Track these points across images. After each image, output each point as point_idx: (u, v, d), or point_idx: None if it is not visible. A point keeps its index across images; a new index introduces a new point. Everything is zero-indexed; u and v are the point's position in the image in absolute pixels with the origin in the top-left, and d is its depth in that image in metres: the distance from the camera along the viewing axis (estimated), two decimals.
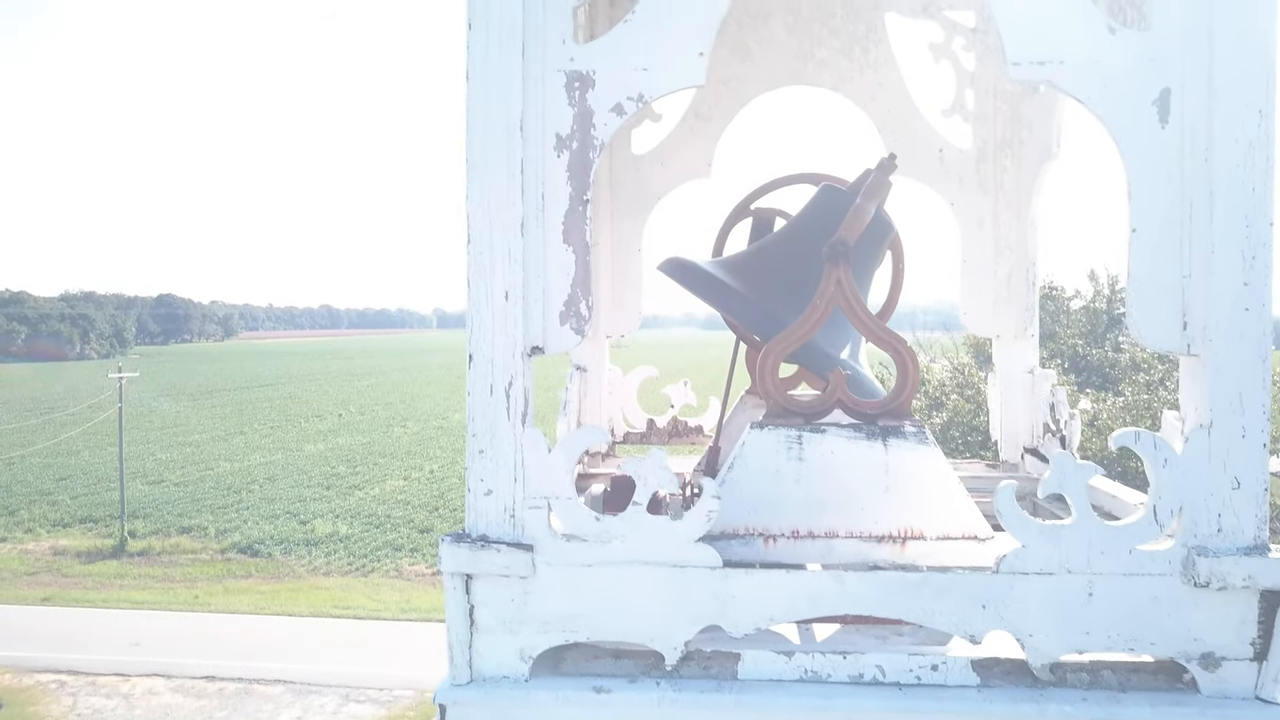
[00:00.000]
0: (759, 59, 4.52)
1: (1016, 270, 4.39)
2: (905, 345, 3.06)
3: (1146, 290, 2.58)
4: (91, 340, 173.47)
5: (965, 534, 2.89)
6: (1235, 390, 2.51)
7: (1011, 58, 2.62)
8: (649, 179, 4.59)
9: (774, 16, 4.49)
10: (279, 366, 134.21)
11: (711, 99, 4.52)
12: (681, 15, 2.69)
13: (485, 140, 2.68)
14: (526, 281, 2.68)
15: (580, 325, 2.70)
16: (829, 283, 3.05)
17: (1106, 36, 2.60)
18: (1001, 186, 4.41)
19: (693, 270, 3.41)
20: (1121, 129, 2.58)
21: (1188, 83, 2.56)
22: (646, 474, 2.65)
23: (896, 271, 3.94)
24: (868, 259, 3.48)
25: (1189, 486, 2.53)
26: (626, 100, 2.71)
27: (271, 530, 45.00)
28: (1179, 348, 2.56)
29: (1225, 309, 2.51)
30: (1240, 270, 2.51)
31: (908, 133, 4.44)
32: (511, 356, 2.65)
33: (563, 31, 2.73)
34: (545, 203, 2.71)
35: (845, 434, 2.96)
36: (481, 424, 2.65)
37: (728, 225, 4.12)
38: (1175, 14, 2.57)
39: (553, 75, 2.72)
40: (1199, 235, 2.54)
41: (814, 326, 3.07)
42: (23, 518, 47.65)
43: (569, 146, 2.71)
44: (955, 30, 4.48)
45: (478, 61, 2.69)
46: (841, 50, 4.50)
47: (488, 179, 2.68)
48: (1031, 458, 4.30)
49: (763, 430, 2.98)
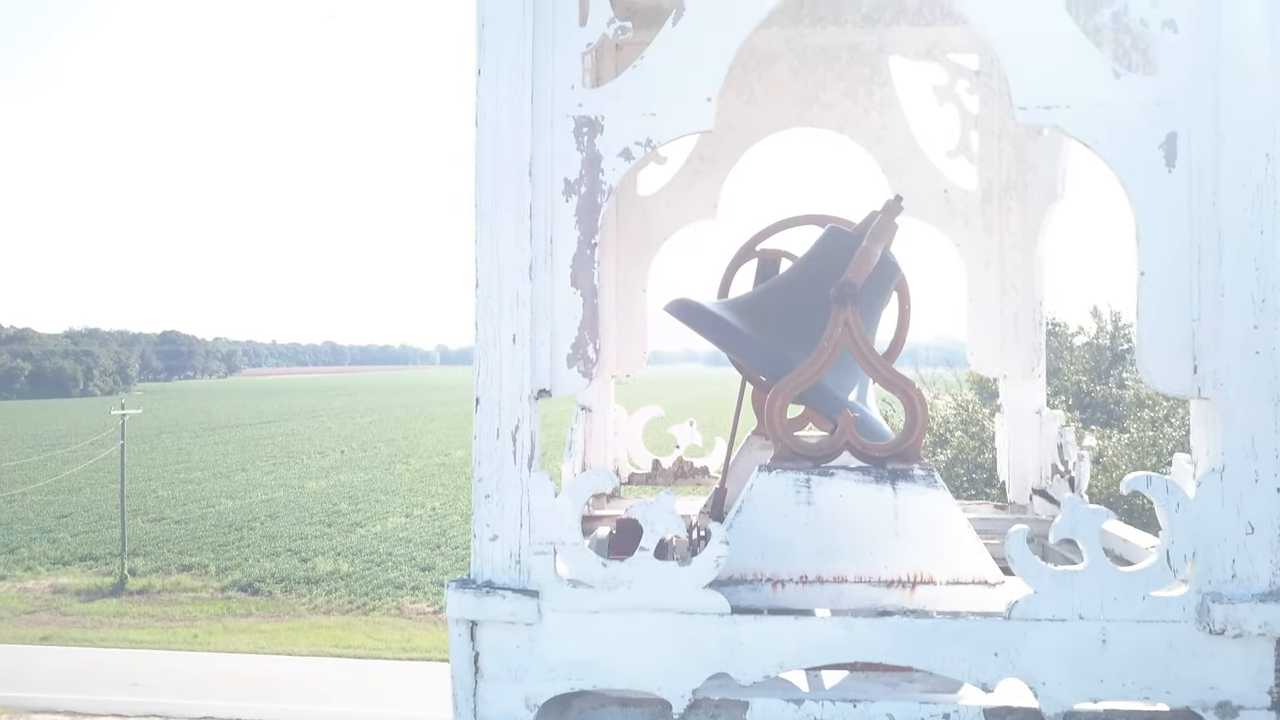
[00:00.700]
0: (764, 102, 4.56)
1: (1023, 310, 4.39)
2: (914, 387, 3.05)
3: (1156, 333, 2.57)
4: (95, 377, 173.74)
5: (976, 579, 2.85)
6: (1248, 434, 2.49)
7: (1018, 102, 2.63)
8: (655, 220, 4.60)
9: (779, 60, 4.53)
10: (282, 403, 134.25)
11: (717, 141, 4.55)
12: (689, 61, 2.71)
13: (495, 185, 2.69)
14: (534, 325, 2.67)
15: (588, 368, 2.70)
16: (837, 324, 3.04)
17: (1112, 81, 2.61)
18: (1007, 227, 4.42)
19: (699, 312, 3.41)
20: (1129, 172, 2.59)
21: (1194, 127, 2.57)
22: (654, 519, 2.62)
23: (903, 312, 3.93)
24: (875, 300, 3.47)
25: (1202, 531, 2.50)
26: (635, 145, 2.73)
27: (272, 568, 44.72)
28: (1190, 391, 2.55)
29: (1236, 352, 2.50)
30: (1250, 313, 2.50)
31: (913, 174, 4.46)
32: (519, 400, 2.65)
33: (571, 77, 2.75)
34: (554, 246, 2.72)
35: (854, 477, 2.93)
36: (488, 468, 2.64)
37: (733, 266, 4.13)
38: (1181, 59, 2.59)
39: (561, 120, 2.74)
40: (1208, 278, 2.54)
41: (822, 368, 3.06)
42: (23, 555, 47.41)
43: (577, 191, 2.73)
44: (959, 73, 4.52)
45: (487, 107, 2.71)
46: (846, 93, 4.53)
47: (497, 223, 2.68)
48: (1040, 499, 4.27)
49: (771, 473, 2.96)
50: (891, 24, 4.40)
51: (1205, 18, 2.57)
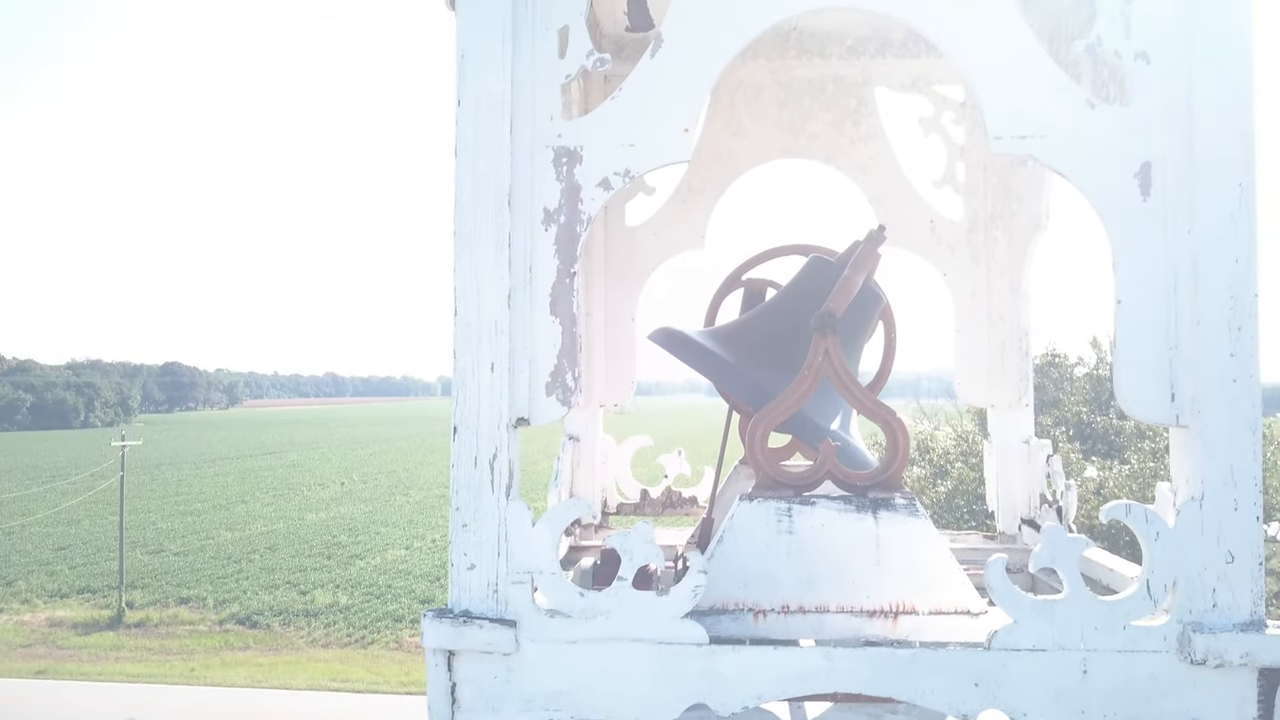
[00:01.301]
0: (751, 133, 4.59)
1: (1010, 340, 4.39)
2: (895, 416, 3.05)
3: (1134, 361, 2.57)
4: (96, 408, 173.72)
5: (958, 608, 2.84)
6: (1226, 462, 2.49)
7: (993, 132, 2.66)
8: (642, 250, 4.62)
9: (766, 92, 4.57)
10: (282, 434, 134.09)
11: (704, 172, 4.58)
12: (667, 93, 2.73)
13: (474, 214, 2.71)
14: (513, 353, 2.68)
15: (566, 396, 2.70)
16: (817, 353, 3.04)
17: (1087, 111, 2.63)
18: (993, 257, 4.43)
19: (683, 340, 3.41)
20: (1104, 201, 2.60)
21: (1169, 156, 2.59)
22: (632, 548, 2.62)
23: (889, 342, 3.94)
24: (857, 329, 3.48)
25: (1182, 560, 2.49)
26: (613, 175, 2.75)
27: (271, 601, 44.44)
28: (1168, 419, 2.55)
29: (1213, 380, 2.50)
30: (1227, 342, 2.50)
31: (899, 204, 4.48)
32: (496, 428, 2.64)
33: (551, 108, 2.77)
34: (533, 275, 2.73)
35: (836, 506, 2.92)
36: (465, 496, 2.63)
37: (719, 296, 4.14)
38: (1154, 90, 2.61)
39: (541, 151, 2.76)
40: (1185, 307, 2.55)
41: (802, 397, 3.06)
42: (20, 588, 47.13)
43: (556, 220, 2.74)
44: (944, 104, 4.55)
45: (467, 137, 2.73)
46: (832, 124, 4.57)
47: (476, 252, 2.70)
48: (1029, 529, 4.25)
49: (752, 502, 2.95)
50: (876, 56, 4.44)
51: (1177, 49, 2.59)
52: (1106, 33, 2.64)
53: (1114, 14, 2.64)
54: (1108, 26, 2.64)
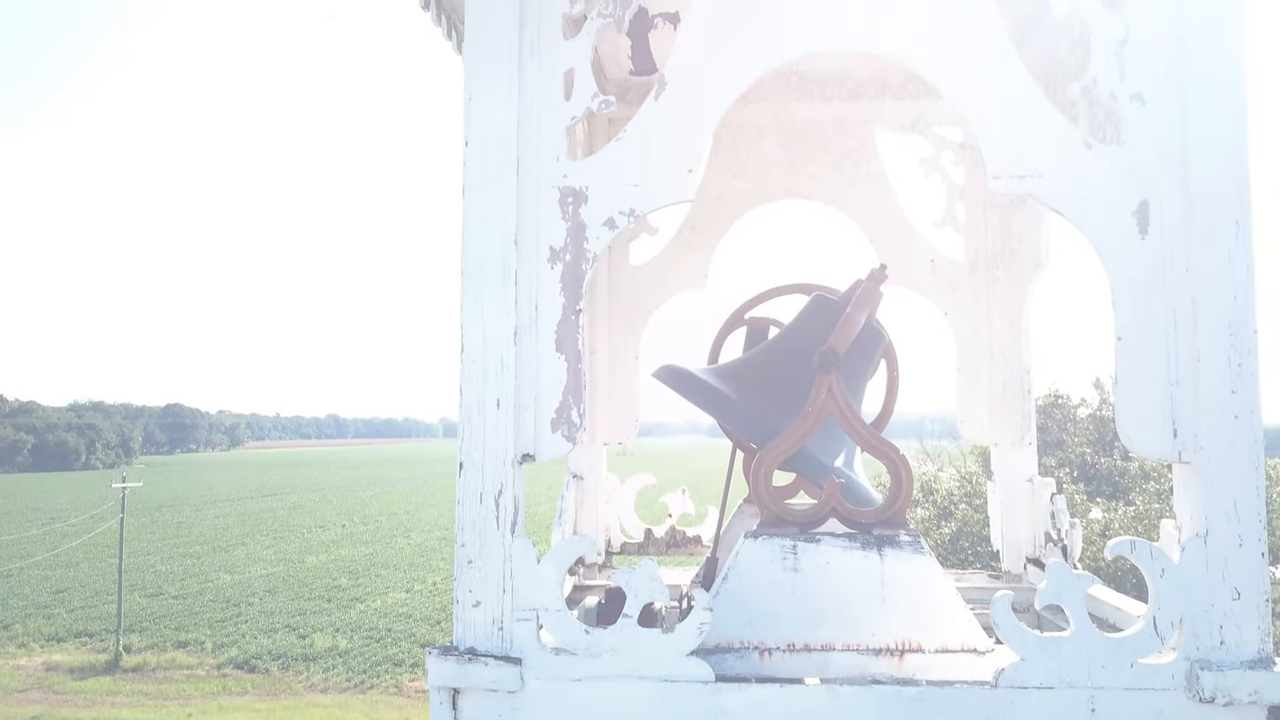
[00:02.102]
0: (753, 174, 4.65)
1: (1012, 379, 4.40)
2: (898, 453, 3.06)
3: (1135, 397, 2.59)
4: (98, 450, 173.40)
5: (964, 646, 2.82)
6: (1230, 498, 2.49)
7: (992, 172, 2.70)
8: (646, 289, 4.66)
9: (767, 134, 4.63)
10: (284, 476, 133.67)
11: (707, 213, 4.63)
12: (671, 134, 2.78)
13: (480, 252, 2.75)
14: (519, 389, 2.70)
15: (571, 432, 2.71)
16: (820, 391, 3.06)
17: (1083, 151, 2.68)
18: (994, 295, 4.47)
19: (687, 377, 3.43)
20: (1102, 239, 2.64)
21: (1165, 195, 2.63)
22: (637, 585, 2.61)
23: (891, 380, 3.95)
24: (860, 367, 3.50)
25: (1189, 597, 2.48)
26: (618, 214, 2.79)
27: (269, 644, 44.00)
28: (1170, 456, 2.56)
29: (1214, 416, 2.52)
30: (1227, 378, 2.52)
31: (900, 244, 4.53)
32: (502, 464, 2.66)
33: (556, 149, 2.82)
34: (538, 312, 2.76)
35: (840, 544, 2.92)
36: (470, 533, 2.64)
37: (722, 334, 4.16)
38: (1150, 130, 2.65)
39: (547, 191, 2.80)
40: (1184, 343, 2.57)
41: (806, 434, 3.07)
42: (16, 632, 46.71)
43: (562, 259, 2.78)
44: (944, 145, 4.62)
45: (474, 177, 2.77)
46: (833, 165, 4.63)
47: (482, 291, 2.73)
48: (1034, 567, 4.23)
49: (757, 540, 2.95)
50: (876, 99, 4.51)
51: (1172, 91, 2.64)
52: (1101, 75, 2.69)
53: (1108, 56, 2.70)
54: (1102, 69, 2.70)
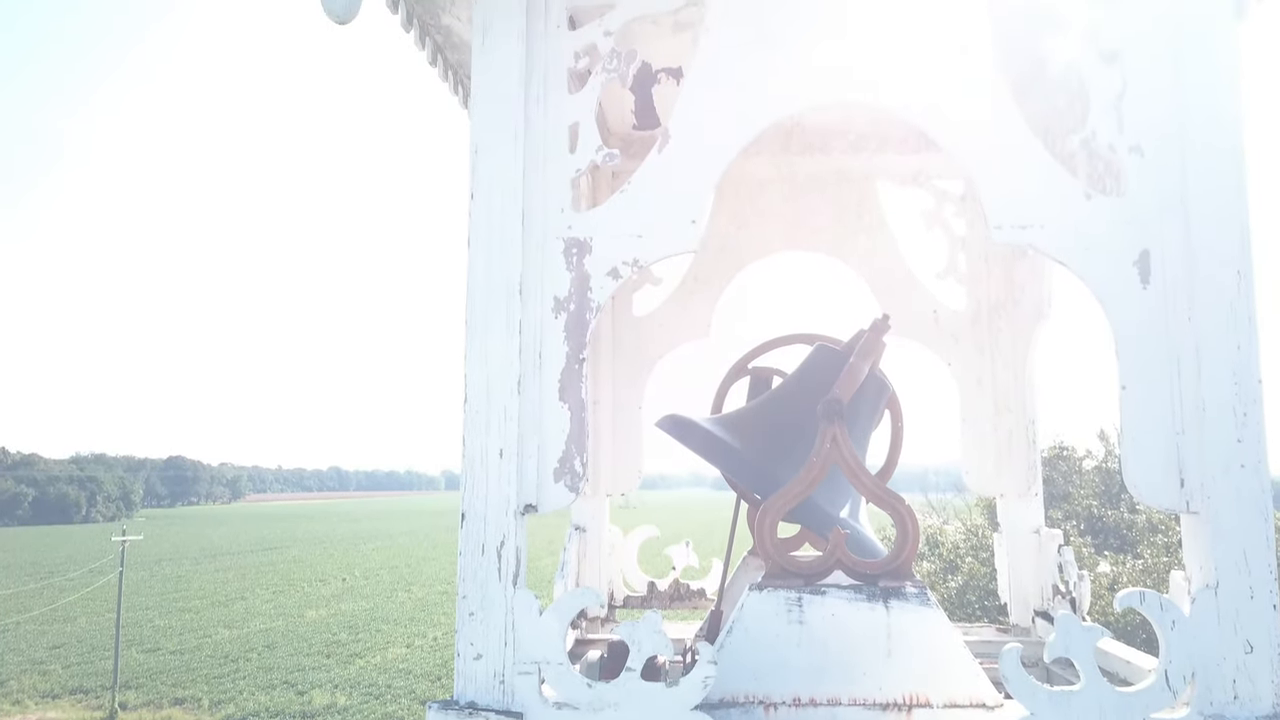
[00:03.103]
0: (756, 226, 4.69)
1: (1017, 429, 4.39)
2: (904, 504, 3.04)
3: (1141, 447, 2.58)
4: (98, 503, 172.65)
5: (973, 701, 2.77)
6: (1239, 548, 2.47)
7: (993, 222, 2.72)
8: (649, 340, 4.67)
9: (769, 186, 4.68)
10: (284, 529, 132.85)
11: (710, 263, 4.66)
12: (674, 186, 2.81)
13: (485, 303, 2.76)
14: (521, 439, 2.69)
15: (574, 482, 2.70)
16: (825, 441, 3.05)
17: (1084, 202, 2.70)
18: (997, 346, 4.47)
19: (690, 427, 3.42)
20: (1104, 289, 2.65)
21: (1167, 245, 2.64)
22: (640, 639, 2.58)
23: (896, 431, 3.94)
24: (864, 417, 3.49)
25: (1200, 650, 2.45)
26: (622, 265, 2.81)
27: (267, 701, 43.32)
28: (1178, 505, 2.54)
29: (1221, 466, 2.50)
30: (1233, 427, 2.51)
31: (902, 295, 4.54)
32: (504, 515, 2.64)
33: (561, 201, 2.85)
34: (542, 362, 2.76)
35: (846, 596, 2.89)
36: (472, 585, 2.61)
37: (726, 384, 4.16)
38: (1149, 181, 2.68)
39: (552, 241, 2.83)
40: (1189, 392, 2.56)
41: (811, 485, 3.06)
42: (11, 688, 46.05)
43: (566, 308, 2.79)
44: (945, 198, 4.66)
45: (480, 229, 2.80)
46: (835, 217, 4.66)
47: (486, 340, 2.74)
48: (1043, 621, 4.17)
49: (761, 592, 2.92)
50: (878, 152, 4.56)
51: (1170, 142, 2.67)
52: (1100, 127, 2.73)
53: (1107, 109, 2.73)
54: (1101, 121, 2.73)
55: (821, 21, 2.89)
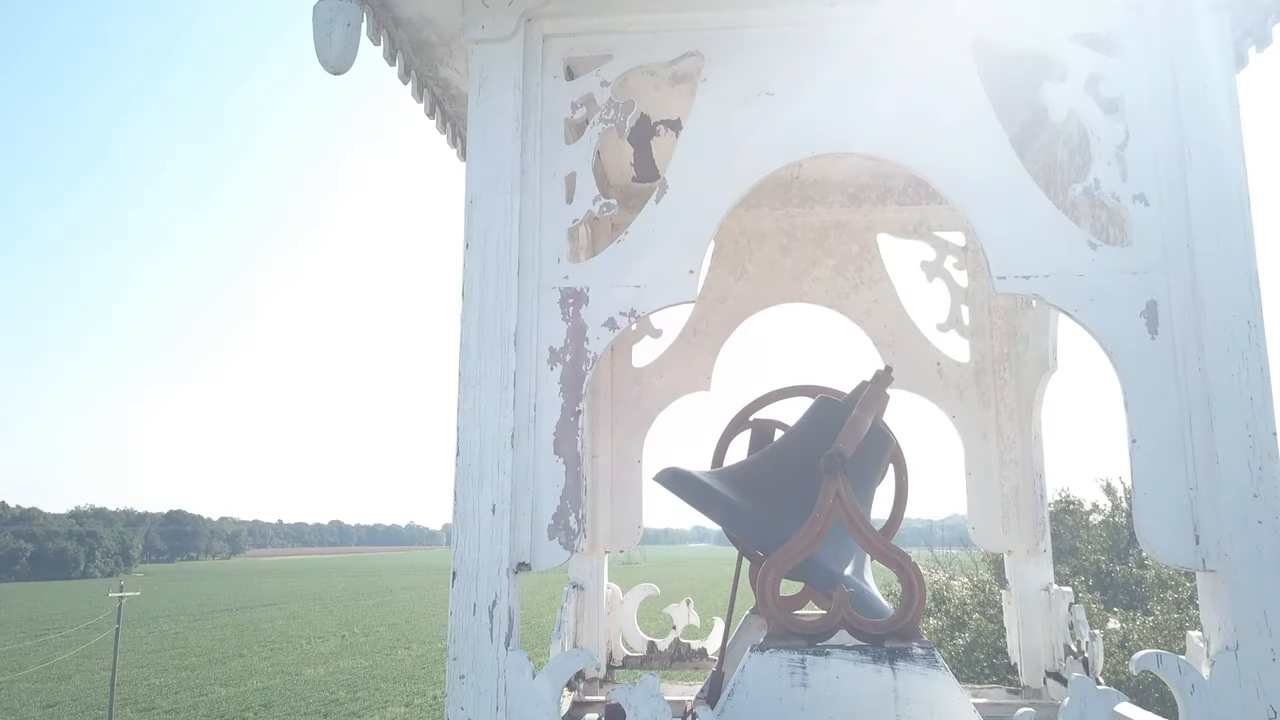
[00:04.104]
0: (756, 278, 4.65)
1: (1024, 484, 4.30)
2: (910, 561, 2.95)
3: (1153, 503, 2.50)
4: (97, 558, 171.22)
5: None
6: (1259, 608, 2.38)
7: (996, 272, 2.67)
8: (649, 392, 4.61)
9: (769, 238, 4.65)
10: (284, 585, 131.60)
11: (710, 315, 4.62)
12: (671, 236, 2.77)
13: (479, 355, 2.71)
14: (515, 494, 2.62)
15: (569, 540, 2.62)
16: (828, 495, 2.97)
17: (1088, 252, 2.65)
18: (1002, 399, 4.40)
19: (689, 481, 3.34)
20: (1111, 340, 2.59)
21: (1174, 295, 2.59)
22: (638, 703, 2.48)
23: (900, 485, 3.85)
24: (868, 472, 3.41)
25: (1221, 715, 2.34)
26: (619, 315, 2.76)
27: None
28: (1193, 563, 2.45)
29: (1237, 522, 2.42)
30: (1249, 481, 2.44)
31: (905, 347, 4.49)
32: (497, 573, 2.56)
33: (558, 251, 2.81)
34: (537, 414, 2.70)
35: (851, 657, 2.79)
36: (463, 646, 2.52)
37: (726, 437, 4.09)
38: (1154, 230, 2.64)
39: (547, 292, 2.78)
40: (1201, 445, 2.49)
41: (814, 541, 2.97)
42: None
43: (562, 359, 2.74)
44: (946, 249, 4.63)
45: (474, 279, 2.76)
46: (836, 269, 4.63)
47: (480, 392, 2.68)
48: (1055, 682, 4.05)
49: (763, 653, 2.82)
50: (878, 203, 4.54)
51: (1175, 191, 2.64)
52: (1103, 176, 2.69)
53: (1109, 159, 2.70)
54: (1104, 171, 2.70)
55: (819, 73, 2.87)
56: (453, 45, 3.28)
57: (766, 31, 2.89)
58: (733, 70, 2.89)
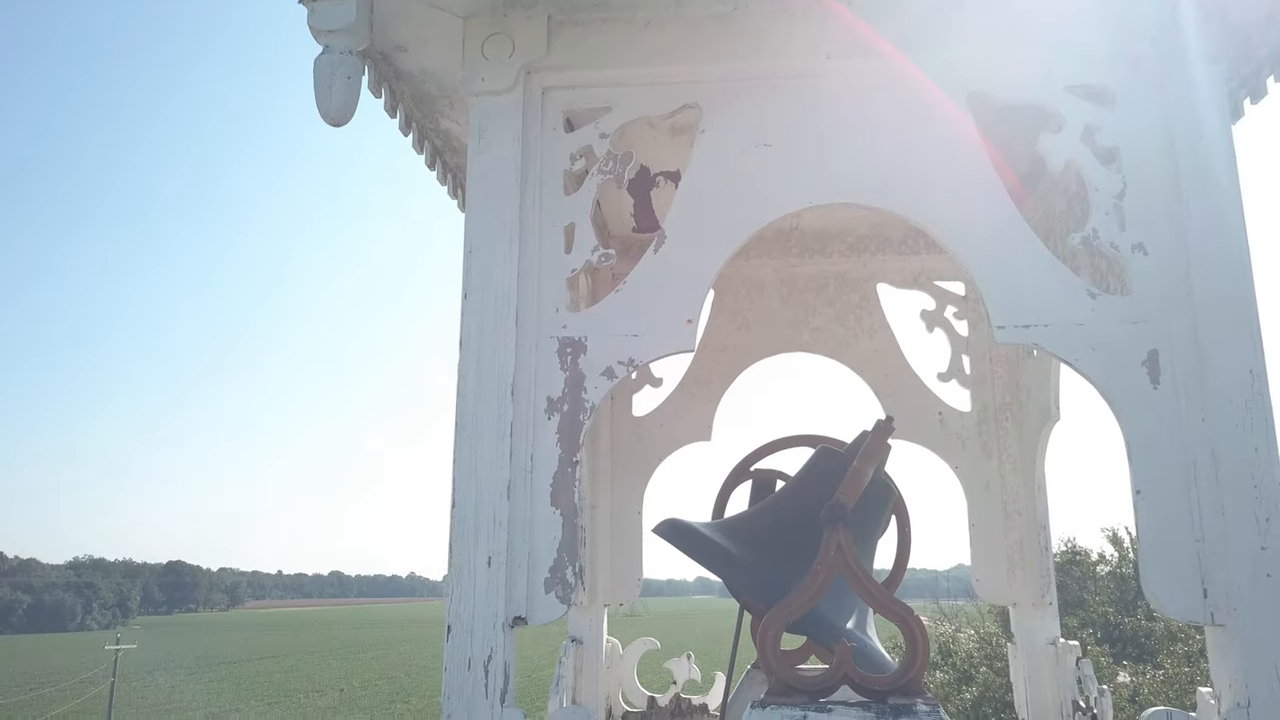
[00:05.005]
0: (756, 327, 4.65)
1: (1028, 535, 4.25)
2: (913, 614, 2.89)
3: (1159, 555, 2.46)
4: (94, 609, 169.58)
5: None
6: (1270, 663, 2.33)
7: (996, 321, 2.66)
8: (650, 441, 4.58)
9: (769, 288, 4.65)
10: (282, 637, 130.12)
11: (710, 364, 4.60)
12: (669, 286, 2.77)
13: (475, 404, 2.69)
14: (511, 547, 2.58)
15: (566, 593, 2.58)
16: (829, 547, 2.93)
17: (1088, 301, 2.65)
18: (1005, 449, 4.37)
19: (688, 533, 3.30)
20: (1112, 390, 2.57)
21: (1175, 344, 2.57)
22: None
23: (903, 536, 3.80)
24: (869, 524, 3.37)
25: None
26: (617, 364, 2.75)
27: None
28: (1202, 617, 2.40)
29: (1246, 575, 2.38)
30: (1256, 533, 2.40)
31: (906, 397, 4.47)
32: (492, 628, 2.51)
33: (556, 301, 2.81)
34: (534, 465, 2.67)
35: (854, 714, 2.72)
36: (457, 702, 2.47)
37: (727, 487, 4.05)
38: (1154, 280, 2.63)
39: (545, 341, 2.77)
40: (1207, 497, 2.46)
41: (815, 594, 2.92)
42: None
43: (560, 409, 2.72)
44: (947, 299, 4.62)
45: (472, 329, 2.75)
46: (836, 319, 4.62)
47: (476, 443, 2.66)
48: None
49: (764, 710, 2.76)
50: (878, 253, 4.55)
51: (1174, 241, 2.64)
52: (1102, 226, 2.69)
53: (1108, 209, 2.70)
54: (1102, 220, 2.70)
55: (816, 125, 2.89)
56: (453, 98, 3.31)
57: (764, 84, 2.92)
58: (730, 122, 2.90)
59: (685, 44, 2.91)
